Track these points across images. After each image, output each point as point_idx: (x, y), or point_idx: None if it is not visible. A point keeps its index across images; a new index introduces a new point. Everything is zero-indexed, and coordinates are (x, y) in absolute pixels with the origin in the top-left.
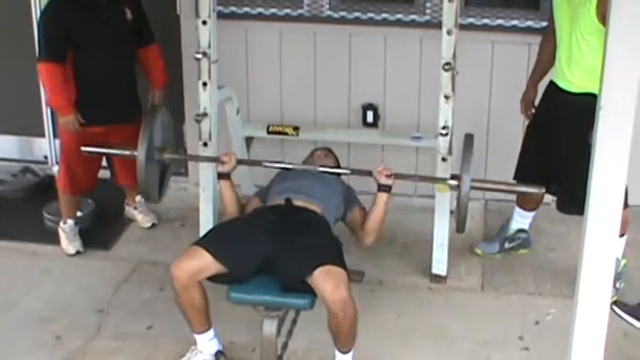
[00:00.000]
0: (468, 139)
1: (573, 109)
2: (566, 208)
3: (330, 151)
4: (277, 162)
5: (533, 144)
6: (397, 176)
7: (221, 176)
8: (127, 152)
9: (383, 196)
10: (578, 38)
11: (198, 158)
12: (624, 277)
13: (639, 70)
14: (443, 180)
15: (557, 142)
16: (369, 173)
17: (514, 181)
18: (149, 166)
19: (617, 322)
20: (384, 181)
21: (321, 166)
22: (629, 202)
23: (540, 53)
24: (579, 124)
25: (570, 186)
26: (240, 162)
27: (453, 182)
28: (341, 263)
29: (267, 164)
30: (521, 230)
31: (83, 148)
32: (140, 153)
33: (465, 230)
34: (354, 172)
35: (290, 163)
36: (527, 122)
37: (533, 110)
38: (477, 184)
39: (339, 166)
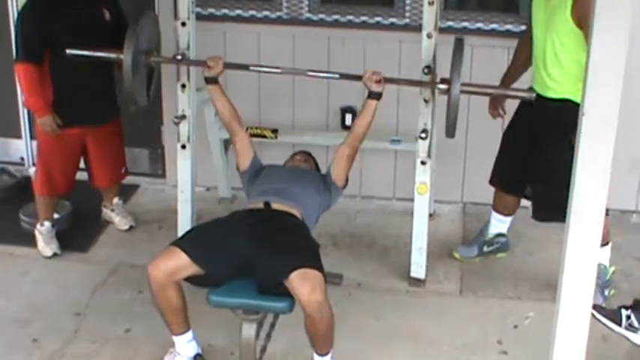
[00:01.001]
0: (458, 43)
1: (550, 114)
2: (541, 215)
3: (309, 154)
4: (264, 66)
5: (510, 149)
6: (387, 80)
7: (209, 81)
8: (114, 56)
9: (372, 103)
10: (554, 40)
11: (184, 62)
12: (613, 285)
13: (622, 77)
14: (433, 83)
15: (534, 148)
16: (359, 78)
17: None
18: (135, 70)
19: (596, 326)
20: (374, 88)
21: (310, 71)
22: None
23: (515, 57)
24: (556, 129)
25: (546, 192)
26: (226, 66)
27: (443, 86)
28: (317, 266)
29: (254, 68)
30: (499, 234)
31: (68, 51)
32: (126, 56)
33: (454, 135)
34: (343, 76)
35: (277, 67)
36: (505, 125)
37: (501, 111)
38: (467, 88)
39: (318, 170)
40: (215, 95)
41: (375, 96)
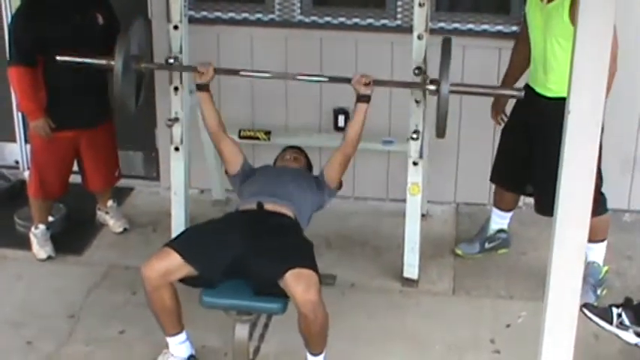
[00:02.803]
0: (446, 42)
1: (550, 113)
2: (544, 209)
3: (300, 150)
4: (255, 71)
5: (510, 147)
6: (376, 83)
7: (199, 87)
8: (104, 62)
9: (362, 106)
10: (552, 43)
11: (174, 68)
12: (606, 284)
13: (607, 74)
14: (422, 84)
15: (534, 146)
16: (348, 80)
17: (492, 85)
18: (125, 76)
19: (588, 324)
20: (363, 91)
21: (300, 75)
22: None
23: (512, 59)
24: (556, 127)
25: (548, 188)
26: (217, 71)
27: (432, 87)
28: (312, 265)
29: (245, 73)
30: (500, 230)
31: (59, 57)
32: (117, 63)
33: (445, 135)
34: (333, 79)
35: (267, 72)
36: (497, 126)
37: (503, 116)
38: (456, 88)
39: (310, 166)
40: (204, 102)
41: (365, 99)
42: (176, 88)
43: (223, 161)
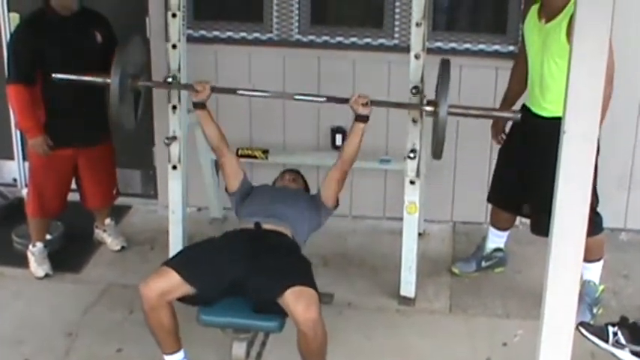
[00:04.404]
0: (445, 64)
1: (546, 133)
2: (540, 230)
3: (298, 173)
4: (252, 90)
5: (507, 167)
6: (373, 103)
7: (197, 106)
8: (100, 80)
9: (360, 126)
10: (550, 62)
11: (171, 86)
12: (602, 304)
13: (601, 95)
14: (419, 106)
15: (531, 166)
16: (346, 101)
17: (489, 107)
18: (122, 94)
19: (584, 343)
20: (361, 111)
21: (298, 94)
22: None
23: (511, 80)
24: (552, 147)
25: (544, 208)
26: (214, 90)
27: (430, 108)
28: (311, 284)
29: (242, 92)
30: (497, 249)
31: (54, 75)
32: (114, 81)
33: (441, 157)
34: (330, 99)
35: (265, 91)
36: (495, 145)
37: (503, 135)
38: (454, 110)
39: (307, 189)
40: (203, 120)
41: (362, 119)
42: (174, 107)
43: (224, 176)
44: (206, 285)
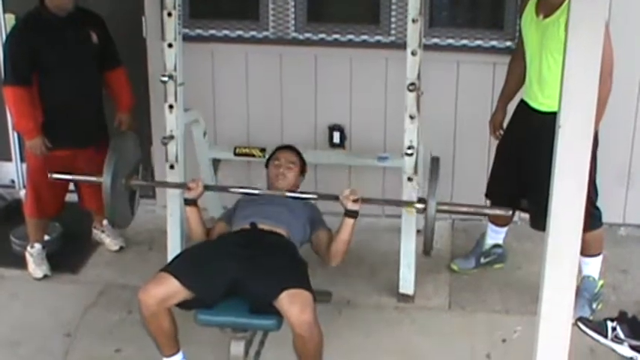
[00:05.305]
0: (435, 162)
1: (543, 127)
2: (539, 224)
3: (293, 150)
4: (244, 187)
5: (505, 162)
6: (364, 200)
7: (188, 202)
8: (94, 179)
9: (349, 222)
10: (548, 58)
11: (165, 184)
12: (601, 299)
13: (597, 89)
14: (410, 204)
15: (529, 161)
16: (336, 198)
17: (481, 204)
18: (115, 193)
19: (584, 338)
20: (350, 206)
21: (288, 191)
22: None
23: (509, 75)
24: (549, 142)
25: (542, 203)
26: (207, 188)
27: (420, 205)
28: (306, 286)
29: (234, 190)
30: (496, 245)
31: (50, 175)
32: (106, 180)
33: (431, 252)
34: (321, 197)
35: (257, 189)
36: (493, 141)
37: (501, 131)
38: (443, 207)
39: (304, 169)
40: (191, 218)
41: (352, 214)
42: (171, 106)
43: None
44: (205, 289)
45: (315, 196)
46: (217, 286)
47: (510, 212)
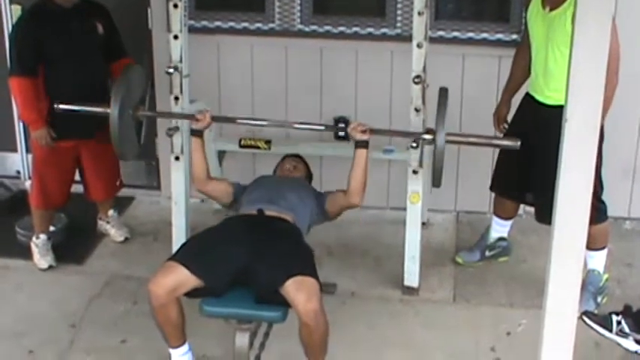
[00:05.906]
0: (443, 92)
1: (550, 121)
2: (544, 217)
3: (300, 158)
4: (251, 119)
5: (510, 155)
6: (372, 131)
7: (194, 132)
8: (101, 110)
9: (362, 152)
10: (554, 50)
11: (171, 115)
12: (606, 292)
13: (604, 82)
14: (418, 134)
15: (535, 154)
16: (344, 129)
17: (489, 133)
18: (123, 125)
19: (588, 332)
20: (359, 137)
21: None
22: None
23: (514, 67)
24: (555, 135)
25: (548, 196)
26: (214, 119)
27: (428, 136)
28: (313, 273)
29: (241, 121)
30: (501, 238)
31: (56, 106)
32: (113, 111)
33: (441, 184)
34: (328, 127)
35: (265, 120)
36: (498, 134)
37: (505, 124)
38: (452, 138)
39: (309, 175)
40: (195, 150)
41: (362, 145)
42: (176, 98)
43: (215, 200)
44: (214, 276)
45: (322, 127)
46: (225, 273)
47: (518, 143)
